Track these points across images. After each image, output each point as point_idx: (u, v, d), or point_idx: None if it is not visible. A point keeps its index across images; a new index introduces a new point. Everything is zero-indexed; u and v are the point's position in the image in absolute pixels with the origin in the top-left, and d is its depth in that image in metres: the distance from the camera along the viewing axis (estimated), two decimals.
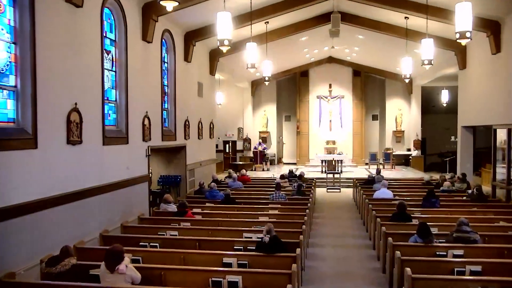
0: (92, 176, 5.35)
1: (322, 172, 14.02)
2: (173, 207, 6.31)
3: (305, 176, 10.04)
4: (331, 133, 17.19)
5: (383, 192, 7.39)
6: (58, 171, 4.63)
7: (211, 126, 12.15)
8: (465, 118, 10.40)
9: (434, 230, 4.70)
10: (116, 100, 6.37)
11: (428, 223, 4.43)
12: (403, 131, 16.86)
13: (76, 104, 4.96)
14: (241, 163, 14.50)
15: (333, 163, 13.24)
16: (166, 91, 8.68)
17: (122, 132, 6.34)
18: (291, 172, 10.84)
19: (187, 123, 9.59)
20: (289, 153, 18.42)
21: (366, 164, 16.50)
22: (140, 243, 4.55)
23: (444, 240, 4.37)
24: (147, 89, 7.24)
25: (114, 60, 6.28)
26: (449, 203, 6.70)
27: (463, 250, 4.08)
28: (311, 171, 14.72)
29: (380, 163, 15.67)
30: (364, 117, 17.11)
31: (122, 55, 6.38)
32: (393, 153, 15.59)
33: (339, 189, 11.62)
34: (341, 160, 14.14)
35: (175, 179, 9.09)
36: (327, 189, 11.68)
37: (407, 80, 11.33)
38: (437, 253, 4.10)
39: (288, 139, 18.42)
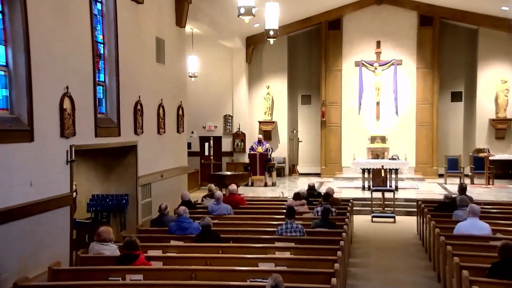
0: None
1: (363, 189, 14.26)
2: (113, 249, 6.24)
3: (334, 196, 10.11)
4: (380, 125, 17.24)
5: (472, 225, 6.91)
6: None
7: (180, 112, 12.28)
8: None
9: None
10: (7, 66, 6.19)
11: None
12: (510, 120, 16.51)
13: None
14: (229, 173, 14.28)
15: (383, 175, 13.27)
16: (102, 52, 8.74)
17: (21, 122, 6.21)
18: (311, 188, 10.94)
19: (138, 107, 9.70)
20: (308, 158, 18.59)
21: (440, 176, 16.51)
22: None
23: None
24: (67, 49, 7.23)
25: None
26: None
27: None
28: (346, 187, 14.89)
29: (466, 175, 15.46)
30: (438, 96, 17.09)
31: None
32: (491, 158, 15.00)
33: (393, 217, 11.64)
34: (396, 170, 14.25)
35: (118, 202, 9.21)
36: (373, 216, 11.72)
37: None
38: None
39: (306, 134, 18.57)
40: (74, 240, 7.40)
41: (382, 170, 13.25)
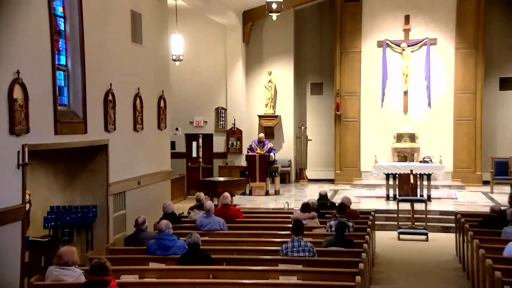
0: None
1: (387, 198, 14.24)
2: (77, 274, 6.18)
3: (352, 207, 10.15)
4: (408, 119, 17.24)
5: None
6: None
7: (161, 104, 12.33)
8: None
9: None
10: None
11: None
12: None
13: None
14: (222, 179, 14.26)
15: (412, 181, 13.23)
16: (62, 29, 8.73)
17: None
18: (323, 198, 11.00)
19: (109, 98, 9.76)
20: (319, 160, 18.66)
21: (485, 183, 16.44)
22: None
23: None
24: (17, 25, 7.20)
25: None
26: None
27: None
28: (365, 197, 14.89)
29: None
30: (482, 84, 17.01)
31: None
32: None
33: (426, 234, 11.60)
34: (429, 175, 14.18)
35: (84, 215, 9.23)
36: (400, 233, 11.71)
37: None
38: None
39: (317, 131, 18.61)
40: (27, 264, 7.36)
41: (411, 176, 13.23)
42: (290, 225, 7.91)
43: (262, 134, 16.29)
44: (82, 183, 9.50)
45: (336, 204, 9.99)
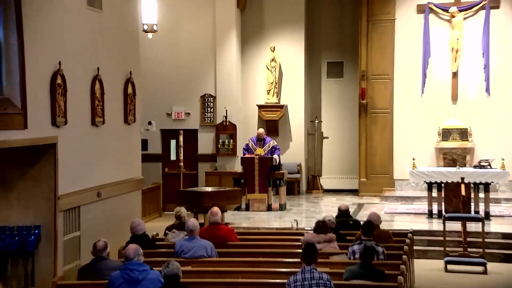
0: None
1: (430, 216, 14.31)
2: None
3: (382, 227, 10.19)
4: (458, 110, 17.28)
5: None
6: None
7: (129, 90, 12.33)
8: None
9: None
10: None
11: None
12: None
13: None
14: (210, 189, 14.26)
15: (464, 193, 13.18)
16: None
17: None
18: (344, 214, 11.11)
19: (58, 81, 9.71)
20: (338, 164, 18.81)
21: None
22: None
23: None
24: None
25: None
26: None
27: None
28: (400, 213, 14.95)
29: None
30: None
31: None
32: None
33: (483, 264, 11.56)
34: (487, 185, 14.19)
35: (23, 239, 9.21)
36: (448, 262, 11.69)
37: None
38: None
39: (335, 126, 18.78)
40: None
41: (463, 186, 13.17)
42: (300, 251, 7.85)
43: (262, 130, 16.31)
44: (20, 195, 9.45)
45: (361, 223, 10.00)
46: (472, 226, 12.06)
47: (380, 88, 17.57)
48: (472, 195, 13.42)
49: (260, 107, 17.93)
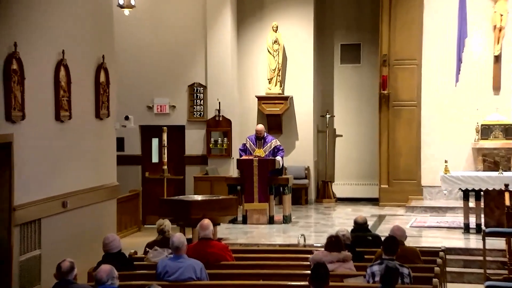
0: None
1: (467, 230, 14.40)
2: None
3: (407, 244, 10.20)
4: (501, 102, 17.46)
5: None
6: None
7: (102, 78, 12.52)
8: None
9: None
10: None
11: None
12: None
13: None
14: (199, 198, 14.36)
15: (509, 203, 13.04)
16: None
17: None
18: (361, 228, 11.28)
19: (14, 66, 9.86)
20: (354, 168, 19.11)
21: None
22: None
23: None
24: None
25: None
26: None
27: None
28: (429, 227, 15.09)
29: None
30: None
31: None
32: None
33: None
34: None
35: None
36: (488, 287, 11.53)
37: None
38: None
39: (351, 122, 19.02)
40: None
41: (507, 194, 13.10)
42: (309, 272, 7.74)
43: (262, 126, 16.35)
44: None
45: (382, 239, 10.02)
46: None
47: (405, 76, 17.66)
48: None
49: (260, 99, 18.08)
